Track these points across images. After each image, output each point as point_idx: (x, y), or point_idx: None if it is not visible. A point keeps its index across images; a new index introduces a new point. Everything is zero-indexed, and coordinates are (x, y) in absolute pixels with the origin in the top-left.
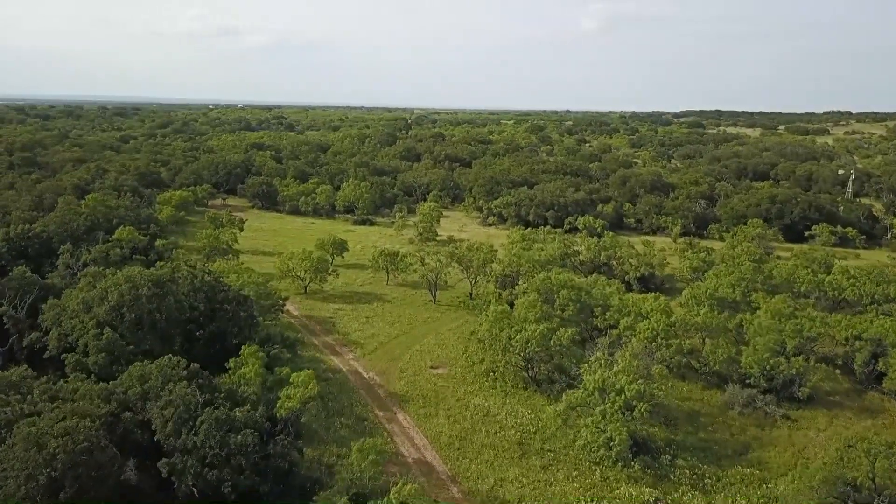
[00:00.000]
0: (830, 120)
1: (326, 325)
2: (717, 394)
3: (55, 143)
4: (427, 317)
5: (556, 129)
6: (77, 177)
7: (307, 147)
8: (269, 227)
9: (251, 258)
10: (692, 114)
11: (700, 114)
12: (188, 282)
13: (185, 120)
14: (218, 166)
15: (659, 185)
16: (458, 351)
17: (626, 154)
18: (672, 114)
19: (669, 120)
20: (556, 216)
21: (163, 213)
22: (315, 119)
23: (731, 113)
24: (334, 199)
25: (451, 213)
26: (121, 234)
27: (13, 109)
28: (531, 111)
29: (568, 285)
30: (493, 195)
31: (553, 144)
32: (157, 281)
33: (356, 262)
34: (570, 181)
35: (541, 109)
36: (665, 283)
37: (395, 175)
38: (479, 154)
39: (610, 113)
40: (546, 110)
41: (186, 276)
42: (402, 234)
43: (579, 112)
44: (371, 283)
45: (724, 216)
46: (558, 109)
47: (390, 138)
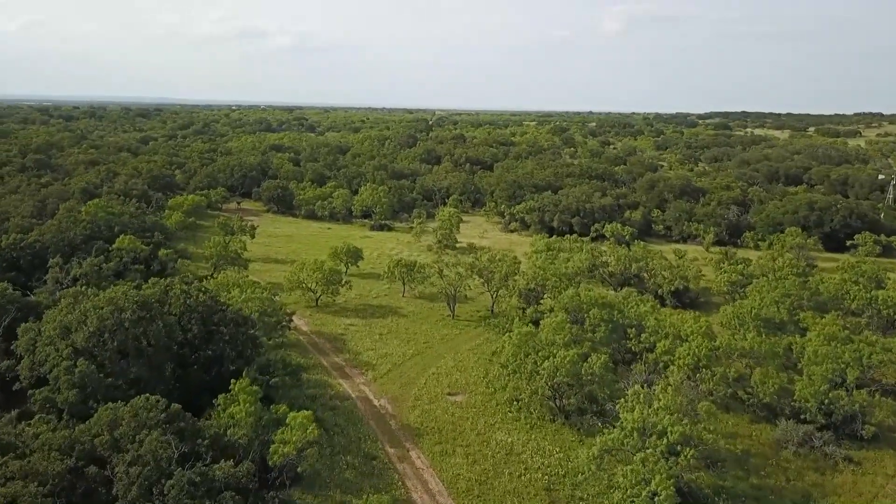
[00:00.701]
0: (861, 121)
1: (337, 343)
2: (768, 429)
3: (72, 144)
4: (445, 334)
5: (580, 131)
6: (85, 180)
7: (326, 149)
8: (284, 232)
9: (262, 266)
10: (717, 115)
11: (725, 115)
12: (181, 302)
13: (206, 121)
14: (233, 169)
15: (688, 190)
16: (479, 375)
17: (651, 157)
18: (697, 115)
19: (694, 121)
20: (581, 223)
21: (171, 219)
22: (336, 120)
23: (757, 114)
24: (351, 203)
25: (471, 218)
26: (121, 242)
27: (37, 110)
28: (553, 112)
29: (598, 303)
30: (516, 200)
31: (577, 146)
32: (145, 302)
33: (371, 271)
34: (596, 185)
35: (563, 111)
36: (700, 298)
37: (415, 178)
38: (501, 156)
39: (633, 114)
40: (568, 111)
41: (179, 295)
42: (421, 241)
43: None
44: (386, 295)
45: (758, 224)
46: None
47: (410, 140)
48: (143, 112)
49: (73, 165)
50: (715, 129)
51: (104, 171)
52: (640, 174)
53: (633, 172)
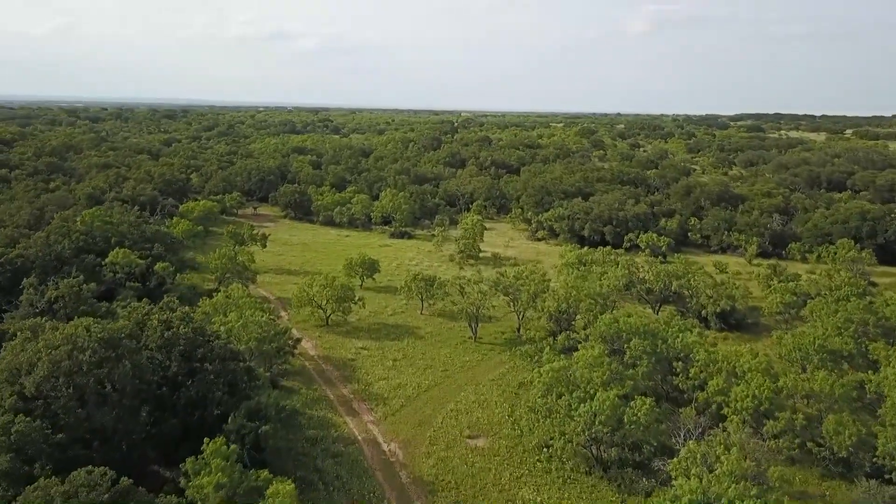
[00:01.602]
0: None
1: (346, 371)
2: (843, 487)
3: (92, 146)
4: (466, 360)
5: (608, 133)
6: (92, 185)
7: (349, 151)
8: (300, 239)
9: (273, 278)
10: (749, 117)
11: (757, 117)
12: (158, 335)
13: (230, 123)
14: (251, 172)
15: (726, 197)
16: (503, 412)
17: (683, 160)
18: (727, 117)
19: (726, 123)
20: (614, 232)
21: (178, 227)
22: (361, 122)
23: (791, 116)
24: (371, 209)
25: (496, 226)
26: (114, 257)
27: (65, 112)
28: (580, 114)
29: (640, 332)
30: (544, 206)
31: (606, 149)
32: (111, 339)
33: (389, 284)
34: (629, 192)
35: (590, 112)
36: (747, 318)
37: (438, 183)
38: (528, 159)
39: (662, 116)
40: (596, 113)
41: (157, 327)
42: (442, 251)
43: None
44: (403, 312)
45: (804, 234)
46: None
47: (435, 142)
48: (170, 114)
49: (85, 169)
50: (747, 131)
51: (113, 175)
52: (673, 179)
53: (667, 177)
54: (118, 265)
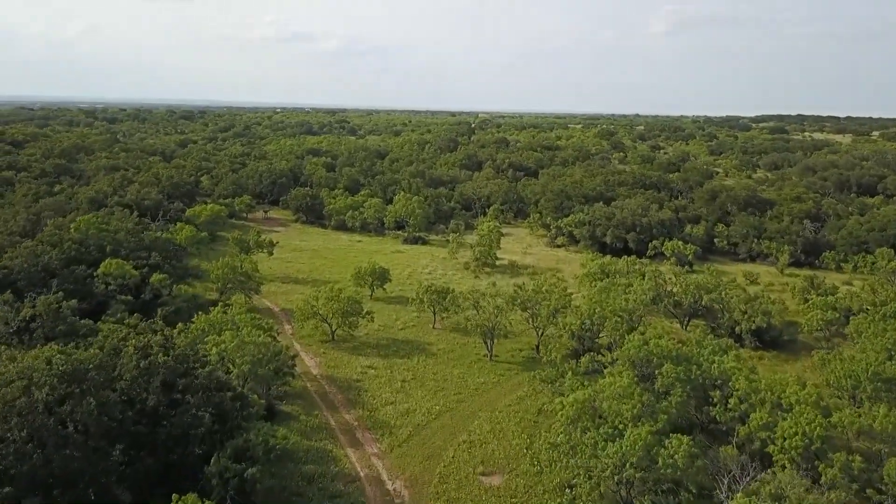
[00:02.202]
0: None
1: (350, 394)
2: None
3: (104, 147)
4: (481, 382)
5: (628, 135)
6: (95, 189)
7: (364, 153)
8: (310, 245)
9: (279, 287)
10: (771, 118)
11: (780, 118)
12: (133, 364)
13: (247, 123)
14: (262, 175)
15: (754, 202)
16: (521, 444)
17: (705, 162)
18: (748, 118)
19: (748, 125)
20: (637, 239)
21: (181, 234)
22: (378, 123)
23: (815, 118)
24: (384, 213)
25: (513, 231)
26: (106, 267)
27: (84, 112)
28: (598, 115)
29: (672, 356)
30: (563, 211)
31: (626, 151)
32: (75, 372)
33: (400, 294)
34: (652, 196)
35: (608, 113)
36: (783, 335)
37: (454, 186)
38: (546, 162)
39: (682, 117)
40: (614, 114)
41: (132, 355)
42: (457, 258)
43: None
44: (414, 325)
45: (838, 242)
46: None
47: (451, 144)
48: (187, 114)
49: (92, 171)
50: (770, 132)
51: (118, 178)
52: (697, 183)
53: (690, 181)
54: (110, 277)
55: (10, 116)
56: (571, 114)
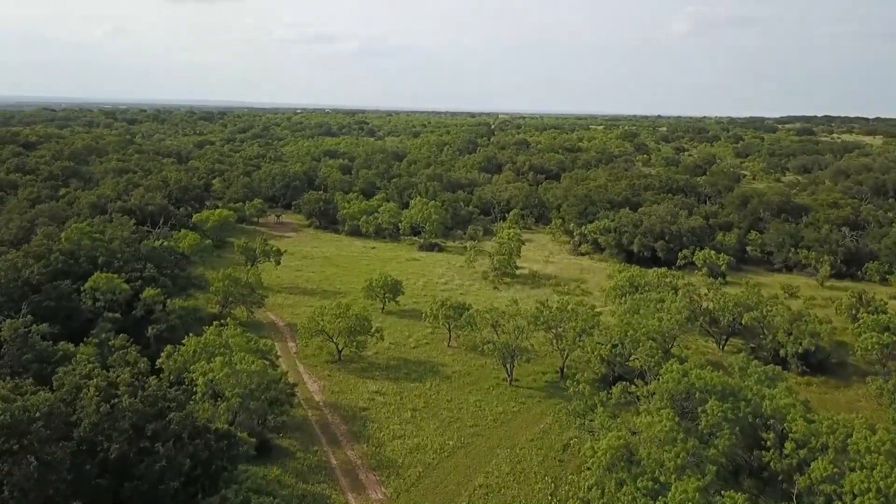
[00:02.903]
0: None
1: (355, 424)
2: None
3: (118, 148)
4: (500, 411)
5: (651, 136)
6: (97, 194)
7: (381, 155)
8: (322, 252)
9: (286, 299)
10: (796, 119)
11: (806, 119)
12: (93, 409)
13: (265, 124)
14: (275, 178)
15: (787, 208)
16: (545, 488)
17: (731, 165)
18: (773, 119)
19: (773, 126)
20: (666, 247)
21: (184, 241)
22: (397, 124)
23: (842, 119)
24: (399, 218)
25: (534, 237)
26: (94, 282)
27: (104, 113)
28: (619, 116)
29: (717, 391)
30: (587, 217)
31: (650, 153)
32: (14, 425)
33: (414, 307)
34: (680, 202)
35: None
36: (831, 357)
37: (472, 189)
38: (568, 164)
39: (704, 118)
40: (636, 115)
41: (93, 397)
42: (475, 267)
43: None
44: (428, 343)
45: (882, 251)
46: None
47: (471, 145)
48: (207, 115)
49: (100, 174)
50: (797, 134)
51: (123, 182)
52: (725, 187)
53: (718, 184)
54: (99, 292)
55: (32, 117)
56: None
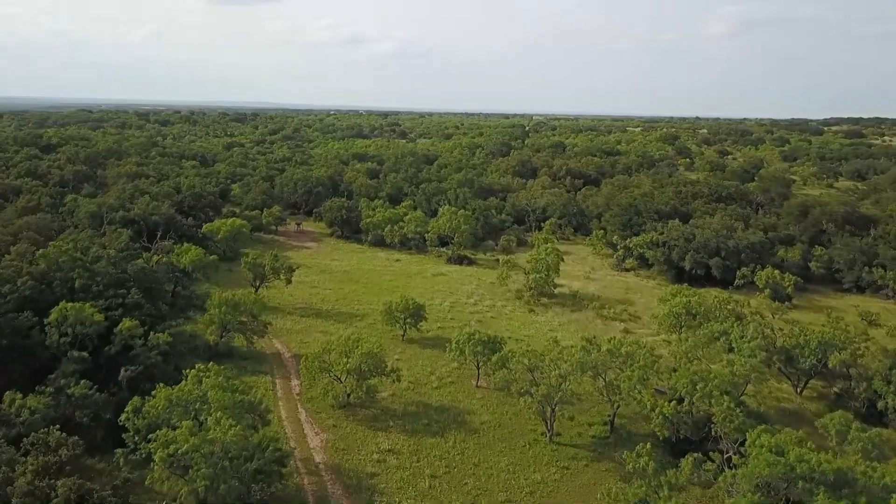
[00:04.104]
0: None
1: (360, 498)
2: None
3: (141, 151)
4: (537, 480)
5: (692, 139)
6: (98, 203)
7: (411, 158)
8: (341, 265)
9: (296, 324)
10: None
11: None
12: None
13: (296, 126)
14: (297, 183)
15: (853, 219)
16: None
17: (780, 170)
18: (818, 121)
19: (820, 128)
20: (722, 265)
21: (186, 256)
22: (429, 126)
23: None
24: (427, 228)
25: (573, 248)
26: (60, 313)
27: (136, 115)
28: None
29: (826, 480)
30: (632, 229)
31: (692, 157)
32: None
33: (438, 334)
34: (735, 212)
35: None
36: None
37: (505, 195)
38: (608, 169)
39: (745, 120)
40: (673, 117)
41: None
42: (508, 285)
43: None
44: (453, 381)
45: None
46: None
47: (504, 148)
48: (239, 117)
49: (113, 179)
50: (846, 136)
51: (130, 189)
52: (779, 194)
53: (770, 192)
54: (68, 325)
55: (67, 118)
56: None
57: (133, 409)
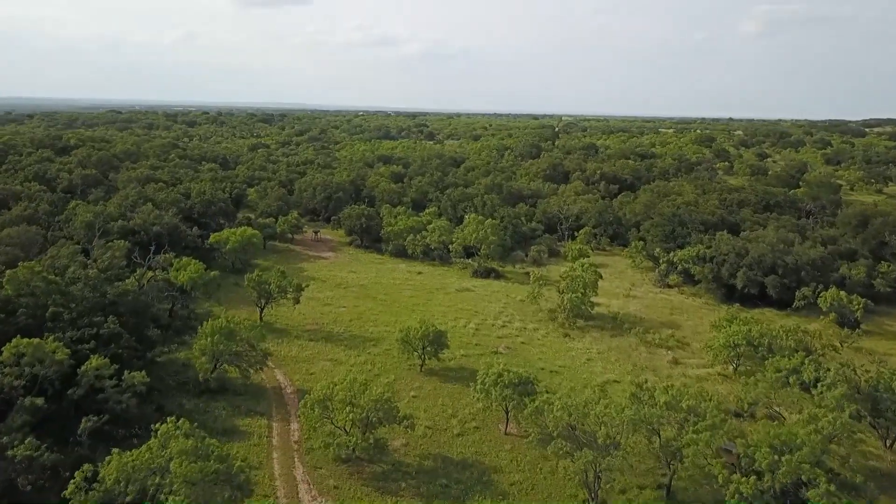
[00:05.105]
0: None
1: None
2: None
3: (161, 152)
4: None
5: (728, 141)
6: (93, 212)
7: (438, 161)
8: (359, 278)
9: (303, 349)
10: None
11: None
12: None
13: (323, 127)
14: (316, 189)
15: None
16: None
17: (825, 174)
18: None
19: (861, 130)
20: (779, 283)
21: (184, 273)
22: (457, 127)
23: None
24: (451, 238)
25: (610, 260)
26: (14, 350)
27: (164, 115)
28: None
29: None
30: (675, 240)
31: (731, 160)
32: None
33: (463, 362)
34: (789, 223)
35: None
36: None
37: (535, 201)
38: (643, 173)
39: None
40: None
41: None
42: (539, 304)
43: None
44: (477, 426)
45: None
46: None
47: (534, 150)
48: (267, 117)
49: (122, 183)
50: (890, 139)
51: (133, 195)
52: (831, 202)
53: (822, 198)
54: (23, 364)
55: (95, 119)
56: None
57: (76, 486)
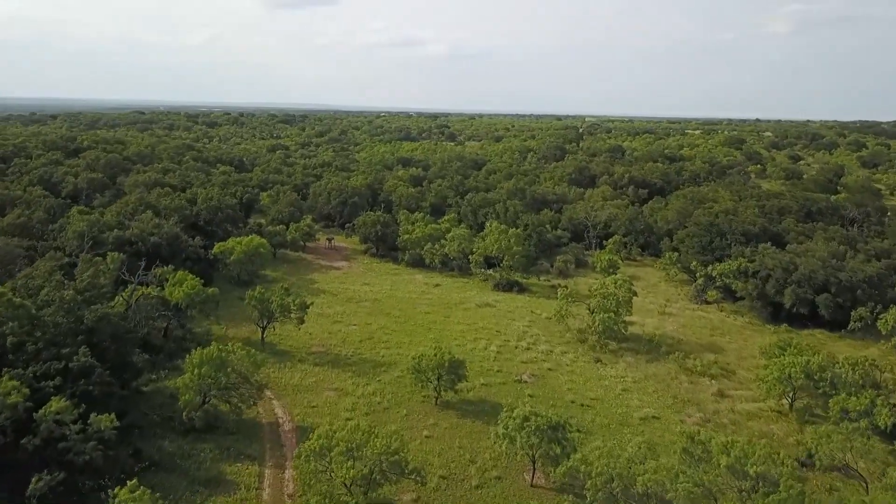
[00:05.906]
0: None
1: None
2: None
3: (175, 154)
4: None
5: (758, 143)
6: (89, 221)
7: (459, 164)
8: (373, 291)
9: (306, 375)
10: None
11: None
12: None
13: (344, 128)
14: (331, 194)
15: None
16: None
17: (863, 178)
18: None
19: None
20: (832, 302)
21: (179, 290)
22: (479, 128)
23: None
24: (471, 247)
25: (642, 272)
26: None
27: (185, 116)
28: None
29: None
30: (713, 252)
31: (764, 163)
32: None
33: (483, 393)
34: (839, 234)
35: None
36: None
37: (560, 207)
38: (673, 177)
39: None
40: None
41: None
42: (567, 324)
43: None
44: (499, 475)
45: None
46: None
47: (558, 152)
48: (288, 118)
49: (130, 188)
50: None
51: (134, 201)
52: (877, 209)
53: (866, 205)
54: None
55: (118, 119)
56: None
57: None
